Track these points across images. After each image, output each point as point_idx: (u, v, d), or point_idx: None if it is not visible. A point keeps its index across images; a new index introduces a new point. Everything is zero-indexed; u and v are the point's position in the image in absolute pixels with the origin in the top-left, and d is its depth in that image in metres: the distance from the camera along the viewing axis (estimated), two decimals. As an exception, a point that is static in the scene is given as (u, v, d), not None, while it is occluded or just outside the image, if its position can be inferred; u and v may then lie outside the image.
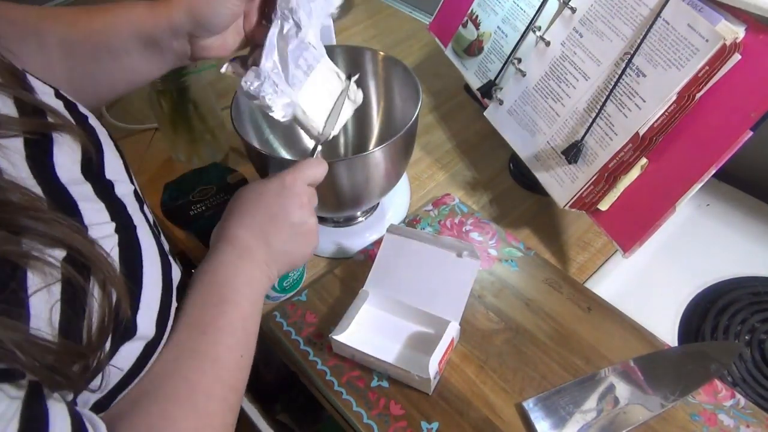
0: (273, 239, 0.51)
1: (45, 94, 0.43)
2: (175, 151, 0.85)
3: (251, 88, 0.52)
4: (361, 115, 0.78)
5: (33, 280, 0.31)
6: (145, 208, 0.47)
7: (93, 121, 0.46)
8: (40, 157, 0.38)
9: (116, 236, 0.40)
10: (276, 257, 0.52)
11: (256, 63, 0.52)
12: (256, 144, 0.65)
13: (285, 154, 0.76)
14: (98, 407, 0.39)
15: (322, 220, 0.74)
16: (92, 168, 0.42)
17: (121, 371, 0.39)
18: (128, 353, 0.40)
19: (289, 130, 0.77)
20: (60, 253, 0.33)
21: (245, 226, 0.50)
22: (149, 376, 0.42)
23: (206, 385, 0.43)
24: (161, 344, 0.43)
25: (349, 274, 0.67)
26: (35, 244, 0.32)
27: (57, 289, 0.33)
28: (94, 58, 0.52)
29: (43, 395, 0.31)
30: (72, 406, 0.34)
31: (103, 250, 0.37)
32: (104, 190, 0.42)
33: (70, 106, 0.45)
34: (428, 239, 0.63)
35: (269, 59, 0.52)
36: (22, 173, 0.35)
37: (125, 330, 0.39)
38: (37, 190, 0.36)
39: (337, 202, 0.66)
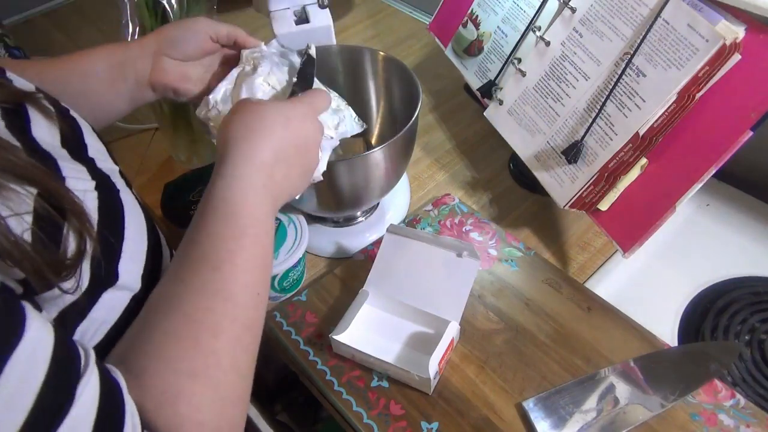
0: (290, 161, 0.46)
1: (24, 86, 0.44)
2: (175, 151, 0.85)
3: (200, 115, 0.57)
4: (362, 115, 0.78)
5: (2, 206, 0.31)
6: (132, 189, 0.48)
7: (73, 113, 0.47)
8: (18, 124, 0.39)
9: (95, 193, 0.40)
10: (289, 180, 0.46)
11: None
12: (256, 144, 0.65)
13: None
14: None
15: (322, 220, 0.74)
16: (71, 144, 0.42)
17: (107, 323, 0.39)
18: (113, 303, 0.39)
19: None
20: (33, 190, 0.33)
21: (271, 149, 0.44)
22: (147, 311, 0.39)
23: (213, 323, 0.38)
24: None
25: (349, 274, 0.67)
26: (8, 177, 0.32)
27: (29, 218, 0.33)
28: (64, 80, 0.56)
29: (19, 300, 0.31)
30: (55, 325, 0.32)
31: (77, 198, 0.36)
32: (85, 160, 0.43)
33: (49, 98, 0.45)
34: (428, 239, 0.63)
35: (220, 91, 0.56)
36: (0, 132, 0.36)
37: (106, 276, 0.38)
38: (16, 144, 0.37)
39: (337, 202, 0.66)
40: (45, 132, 0.41)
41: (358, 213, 0.74)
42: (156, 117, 0.82)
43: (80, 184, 0.40)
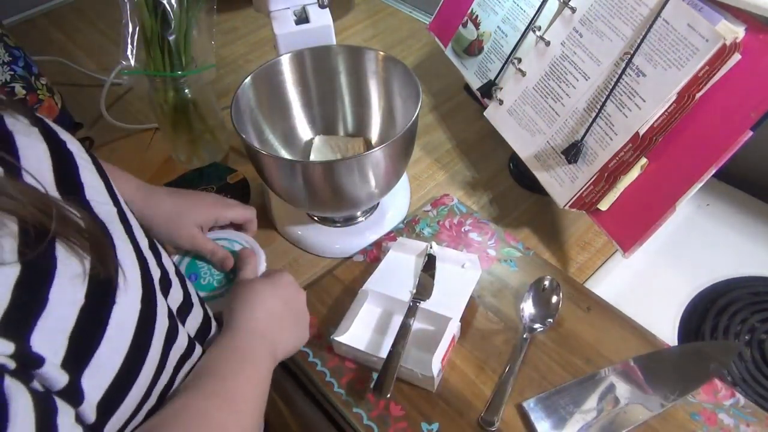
0: (284, 323, 0.54)
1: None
2: (175, 151, 0.85)
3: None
4: (362, 115, 0.78)
5: None
6: (135, 230, 0.44)
7: (72, 146, 0.42)
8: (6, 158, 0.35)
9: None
10: (286, 339, 0.54)
11: None
12: (256, 144, 0.65)
13: (285, 154, 0.76)
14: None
15: (322, 220, 0.74)
16: (67, 184, 0.39)
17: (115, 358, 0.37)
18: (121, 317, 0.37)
19: (289, 130, 0.77)
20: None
21: (263, 310, 0.52)
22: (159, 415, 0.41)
23: (221, 419, 0.42)
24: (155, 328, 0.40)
25: (349, 274, 0.67)
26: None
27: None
28: None
29: (3, 385, 0.29)
30: (40, 402, 0.30)
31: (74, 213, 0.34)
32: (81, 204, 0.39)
33: (45, 127, 0.41)
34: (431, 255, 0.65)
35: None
36: None
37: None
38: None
39: (337, 202, 0.66)
40: (35, 162, 0.37)
41: (358, 213, 0.74)
42: (156, 117, 0.82)
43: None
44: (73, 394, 0.33)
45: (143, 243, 0.44)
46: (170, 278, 0.47)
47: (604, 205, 0.63)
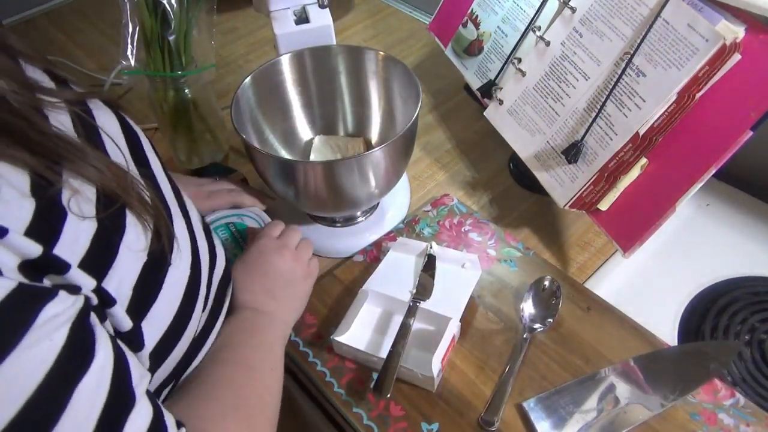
0: (276, 292, 0.57)
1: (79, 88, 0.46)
2: (175, 151, 0.85)
3: None
4: (362, 115, 0.78)
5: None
6: (188, 205, 0.51)
7: (135, 126, 0.49)
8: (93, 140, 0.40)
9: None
10: (283, 303, 0.58)
11: None
12: (256, 144, 0.65)
13: (285, 154, 0.76)
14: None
15: (322, 219, 0.74)
16: (138, 157, 0.45)
17: (167, 317, 0.42)
18: (172, 287, 0.42)
19: (289, 130, 0.77)
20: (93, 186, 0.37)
21: (248, 290, 0.57)
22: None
23: (240, 381, 0.49)
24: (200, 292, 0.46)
25: (349, 274, 0.67)
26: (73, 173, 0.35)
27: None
28: None
29: (90, 318, 0.34)
30: (115, 341, 0.36)
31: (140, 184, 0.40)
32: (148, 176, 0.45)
33: (114, 109, 0.47)
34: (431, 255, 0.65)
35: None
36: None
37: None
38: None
39: (337, 202, 0.66)
40: (113, 152, 0.42)
41: (358, 213, 0.74)
42: (156, 117, 0.82)
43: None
44: (135, 339, 0.38)
45: (194, 217, 0.51)
46: (216, 251, 0.53)
47: (604, 205, 0.63)
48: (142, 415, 0.36)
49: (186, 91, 0.77)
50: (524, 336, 0.58)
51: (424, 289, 0.61)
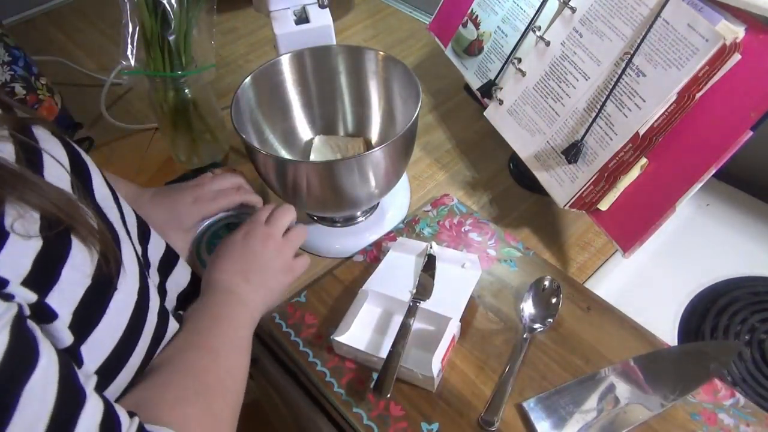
0: (251, 276, 0.58)
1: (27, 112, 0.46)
2: (175, 151, 0.85)
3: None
4: (362, 115, 0.78)
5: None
6: (131, 230, 0.50)
7: (84, 157, 0.48)
8: (34, 162, 0.40)
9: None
10: (255, 288, 0.58)
11: None
12: (256, 144, 0.65)
13: (285, 154, 0.76)
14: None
15: (322, 220, 0.74)
16: (81, 187, 0.44)
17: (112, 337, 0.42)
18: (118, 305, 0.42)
19: (289, 130, 0.77)
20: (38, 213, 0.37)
21: (224, 270, 0.57)
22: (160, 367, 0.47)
23: (202, 365, 0.48)
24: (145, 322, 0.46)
25: (349, 274, 0.67)
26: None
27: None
28: None
29: (28, 323, 0.34)
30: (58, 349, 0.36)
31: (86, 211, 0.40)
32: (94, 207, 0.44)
33: (63, 138, 0.46)
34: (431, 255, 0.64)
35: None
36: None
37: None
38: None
39: (337, 202, 0.66)
40: (56, 179, 0.41)
41: (358, 213, 0.74)
42: (156, 117, 0.82)
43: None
44: (73, 358, 0.38)
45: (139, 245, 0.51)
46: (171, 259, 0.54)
47: (604, 205, 0.63)
48: (93, 411, 0.36)
49: (186, 91, 0.77)
50: (524, 336, 0.58)
51: (424, 289, 0.61)
